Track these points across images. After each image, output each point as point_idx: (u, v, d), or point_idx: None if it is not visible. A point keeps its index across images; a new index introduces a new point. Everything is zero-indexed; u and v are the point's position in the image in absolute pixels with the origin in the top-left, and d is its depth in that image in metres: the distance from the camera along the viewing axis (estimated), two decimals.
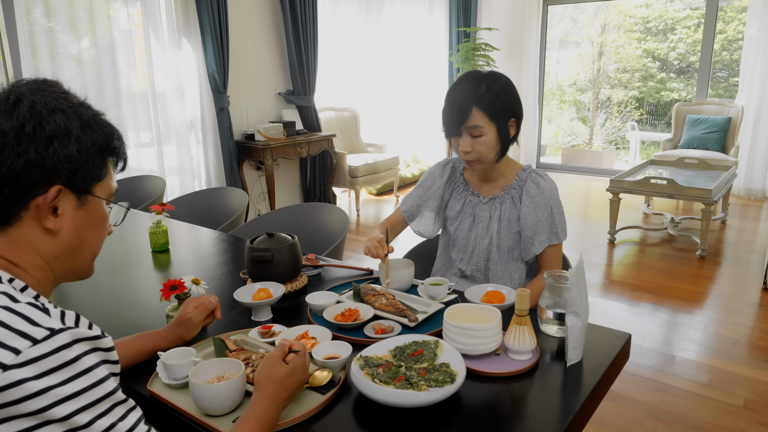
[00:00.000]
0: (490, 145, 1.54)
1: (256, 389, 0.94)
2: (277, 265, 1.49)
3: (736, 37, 7.53)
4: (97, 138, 0.78)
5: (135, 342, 1.14)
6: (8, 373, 0.60)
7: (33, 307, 0.67)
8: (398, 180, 5.93)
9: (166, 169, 4.28)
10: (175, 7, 4.08)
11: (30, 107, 0.73)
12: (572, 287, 1.14)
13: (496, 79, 1.54)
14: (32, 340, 0.63)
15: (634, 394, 2.35)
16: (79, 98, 0.79)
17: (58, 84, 0.79)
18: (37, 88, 0.76)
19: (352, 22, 5.84)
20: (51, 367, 0.62)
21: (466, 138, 1.54)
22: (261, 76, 4.85)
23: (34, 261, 0.77)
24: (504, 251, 1.65)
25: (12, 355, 0.61)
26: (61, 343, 0.64)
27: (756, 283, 3.51)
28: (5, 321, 0.64)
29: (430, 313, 1.35)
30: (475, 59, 6.39)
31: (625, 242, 4.43)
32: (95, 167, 0.78)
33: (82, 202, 0.79)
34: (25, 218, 0.75)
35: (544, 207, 1.59)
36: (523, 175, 1.64)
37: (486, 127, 1.52)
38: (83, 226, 0.80)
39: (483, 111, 1.51)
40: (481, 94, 1.50)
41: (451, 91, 1.56)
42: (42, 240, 0.77)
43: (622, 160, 8.36)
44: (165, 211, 2.02)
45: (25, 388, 0.60)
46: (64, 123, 0.74)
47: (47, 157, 0.73)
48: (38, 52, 3.43)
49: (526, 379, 1.10)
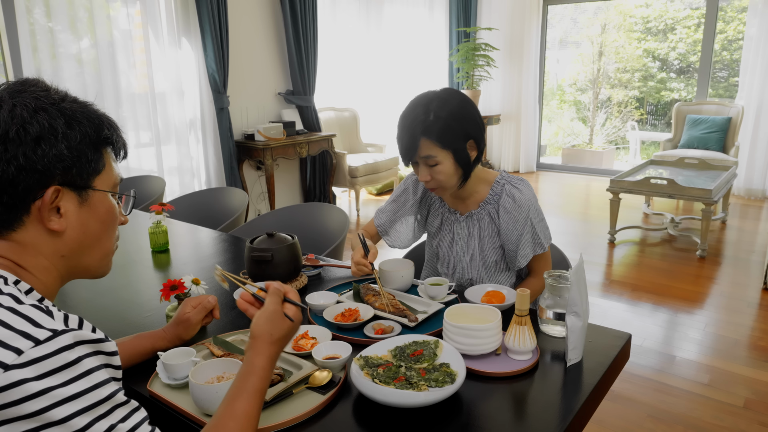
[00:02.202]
0: (448, 173, 1.46)
1: (254, 347, 0.86)
2: (277, 265, 1.49)
3: (736, 37, 7.53)
4: (85, 131, 0.76)
5: (133, 342, 1.14)
6: (9, 373, 0.60)
7: (37, 309, 0.67)
8: (398, 180, 5.92)
9: (165, 169, 4.27)
10: (175, 7, 4.08)
11: (10, 111, 0.71)
12: (572, 287, 1.14)
13: (445, 103, 1.43)
14: (35, 340, 0.62)
15: (634, 394, 2.35)
16: (62, 93, 0.77)
17: (39, 82, 0.77)
18: (16, 90, 0.74)
19: (352, 22, 5.84)
20: (52, 368, 0.62)
21: (423, 168, 1.47)
22: (261, 76, 4.85)
23: (38, 263, 0.77)
24: (490, 266, 1.61)
25: (14, 355, 0.61)
26: (63, 345, 0.64)
27: (756, 283, 3.51)
28: (8, 322, 0.64)
29: (430, 313, 1.35)
30: (475, 59, 6.39)
31: (625, 242, 4.43)
32: (90, 161, 0.77)
33: (83, 198, 0.78)
34: (29, 222, 0.74)
35: (524, 221, 1.53)
36: (497, 188, 1.57)
37: (440, 156, 1.43)
38: (89, 222, 0.79)
39: (433, 141, 1.42)
40: (429, 122, 1.41)
41: (402, 118, 1.47)
42: (47, 241, 0.76)
43: (622, 160, 8.36)
44: (165, 211, 2.01)
45: (26, 389, 0.60)
46: (48, 122, 0.72)
47: (37, 159, 0.71)
48: (38, 52, 3.44)
49: (526, 379, 1.10)
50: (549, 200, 5.99)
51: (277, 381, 1.04)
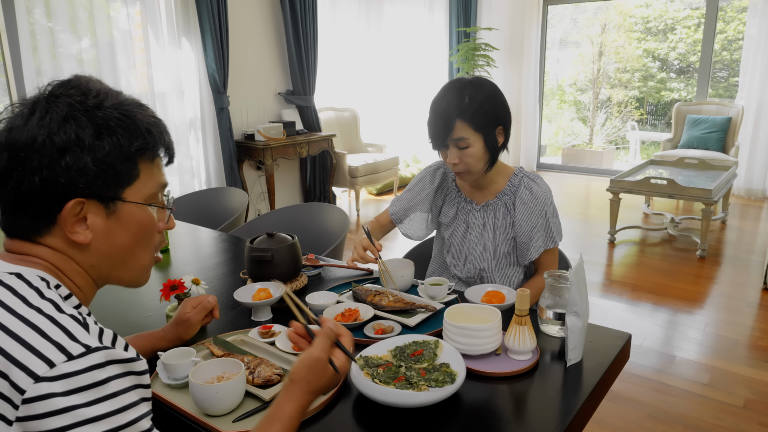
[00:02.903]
0: (477, 156, 1.50)
1: (288, 391, 0.82)
2: (277, 265, 1.49)
3: (736, 37, 7.53)
4: (117, 141, 0.73)
5: (134, 342, 1.14)
6: (39, 385, 0.59)
7: (74, 321, 0.66)
8: (398, 180, 5.93)
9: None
10: (175, 7, 4.08)
11: (40, 119, 0.70)
12: (572, 287, 1.14)
13: (480, 88, 1.49)
14: (68, 354, 0.61)
15: (634, 394, 2.35)
16: (101, 97, 0.74)
17: (82, 83, 0.75)
18: (55, 93, 0.73)
19: (352, 22, 5.84)
20: (80, 386, 0.61)
21: (453, 150, 1.51)
22: (261, 76, 4.85)
23: (72, 268, 0.76)
24: (501, 257, 1.63)
25: (46, 367, 0.60)
26: (94, 363, 0.62)
27: (756, 283, 3.51)
28: (46, 331, 0.63)
29: (431, 313, 1.35)
30: (475, 59, 6.39)
31: (625, 242, 4.43)
32: (119, 173, 0.74)
33: (111, 210, 0.75)
34: (56, 231, 0.73)
35: (539, 213, 1.56)
36: (515, 181, 1.61)
37: (472, 139, 1.48)
38: (117, 235, 0.76)
39: (467, 123, 1.47)
40: (465, 105, 1.46)
41: (434, 103, 1.52)
42: (75, 251, 0.75)
43: (622, 160, 8.36)
44: None
45: (52, 404, 0.59)
46: (75, 133, 0.70)
47: (60, 172, 0.70)
48: (38, 52, 3.44)
49: (526, 379, 1.10)
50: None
51: (277, 381, 1.04)
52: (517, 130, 7.38)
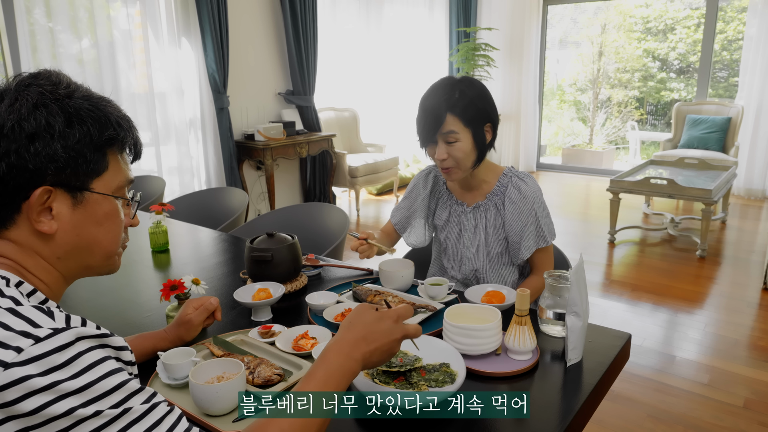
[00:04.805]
0: (466, 151, 1.51)
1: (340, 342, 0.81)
2: (277, 265, 1.49)
3: (736, 37, 7.53)
4: (87, 131, 0.73)
5: (135, 342, 1.14)
6: (10, 371, 0.59)
7: (37, 310, 0.65)
8: (398, 180, 5.93)
9: (165, 169, 4.27)
10: (175, 7, 4.08)
11: (10, 105, 0.70)
12: (572, 287, 1.14)
13: (470, 85, 1.52)
14: (35, 338, 0.61)
15: (634, 394, 2.35)
16: (72, 88, 0.74)
17: (53, 75, 0.74)
18: (25, 83, 0.72)
19: (352, 22, 5.84)
20: (55, 365, 0.60)
21: (442, 145, 1.52)
22: (261, 76, 4.85)
23: (37, 263, 0.75)
24: (494, 258, 1.64)
25: (14, 353, 0.59)
26: (63, 342, 0.62)
27: (756, 283, 3.51)
28: (8, 323, 0.62)
29: (431, 313, 1.35)
30: (475, 59, 6.39)
31: (625, 242, 4.43)
32: (88, 162, 0.74)
33: (78, 200, 0.74)
34: (20, 221, 0.72)
35: (528, 212, 1.57)
36: (504, 180, 1.62)
37: (461, 133, 1.50)
38: (84, 225, 0.76)
39: (457, 117, 1.49)
40: (455, 99, 1.48)
41: (424, 99, 1.53)
42: (40, 242, 0.74)
43: (622, 160, 8.35)
44: (165, 211, 2.02)
45: (29, 385, 0.58)
46: (46, 119, 0.70)
47: (29, 158, 0.69)
48: (38, 52, 3.44)
49: (526, 379, 1.10)
50: (549, 200, 5.91)
51: (277, 381, 1.04)
52: (517, 130, 7.38)
